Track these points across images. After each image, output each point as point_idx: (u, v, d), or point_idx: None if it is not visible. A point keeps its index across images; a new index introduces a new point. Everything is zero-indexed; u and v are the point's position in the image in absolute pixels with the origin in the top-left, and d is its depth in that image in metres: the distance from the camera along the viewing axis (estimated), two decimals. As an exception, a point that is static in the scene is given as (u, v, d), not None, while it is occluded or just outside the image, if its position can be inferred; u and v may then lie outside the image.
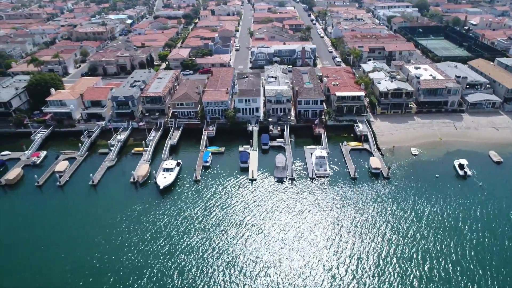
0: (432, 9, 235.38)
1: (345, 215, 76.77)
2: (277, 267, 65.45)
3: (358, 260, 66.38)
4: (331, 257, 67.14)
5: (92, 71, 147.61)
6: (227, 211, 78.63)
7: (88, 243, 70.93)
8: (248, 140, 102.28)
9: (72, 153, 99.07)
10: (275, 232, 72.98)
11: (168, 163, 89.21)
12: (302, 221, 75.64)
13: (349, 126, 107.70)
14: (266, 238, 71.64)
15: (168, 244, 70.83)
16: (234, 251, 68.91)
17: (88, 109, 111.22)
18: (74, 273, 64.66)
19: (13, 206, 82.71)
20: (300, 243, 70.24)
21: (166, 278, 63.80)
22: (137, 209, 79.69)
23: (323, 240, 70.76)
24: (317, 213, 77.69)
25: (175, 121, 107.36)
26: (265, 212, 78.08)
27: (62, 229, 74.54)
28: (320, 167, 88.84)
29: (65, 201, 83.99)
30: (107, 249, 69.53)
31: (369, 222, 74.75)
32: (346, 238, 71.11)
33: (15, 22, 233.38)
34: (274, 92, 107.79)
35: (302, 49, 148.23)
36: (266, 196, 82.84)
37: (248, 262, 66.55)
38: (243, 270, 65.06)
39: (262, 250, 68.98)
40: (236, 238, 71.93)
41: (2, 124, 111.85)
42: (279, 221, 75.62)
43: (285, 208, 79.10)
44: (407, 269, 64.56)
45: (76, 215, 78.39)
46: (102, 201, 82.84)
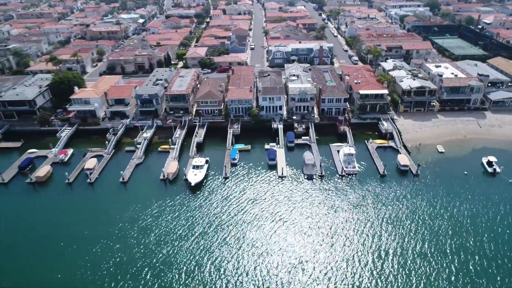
0: (443, 8, 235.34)
1: (376, 212, 77.22)
2: (313, 261, 66.02)
3: (393, 255, 66.89)
4: (366, 253, 67.61)
5: (110, 70, 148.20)
6: (258, 207, 79.17)
7: (122, 239, 71.56)
8: (272, 137, 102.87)
9: (98, 151, 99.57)
10: (308, 227, 73.60)
11: (197, 161, 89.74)
12: (334, 217, 76.21)
13: (373, 124, 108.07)
14: (300, 233, 72.25)
15: (202, 239, 71.43)
16: (268, 246, 69.40)
17: (112, 107, 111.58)
18: (108, 269, 65.27)
19: (44, 202, 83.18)
20: (333, 239, 70.82)
21: (203, 273, 64.31)
22: (169, 205, 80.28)
23: (356, 236, 71.26)
24: (348, 209, 78.19)
25: (199, 119, 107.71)
26: (297, 209, 78.61)
27: (94, 225, 74.97)
28: (349, 164, 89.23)
29: (96, 198, 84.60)
30: (141, 246, 70.10)
31: (400, 218, 75.23)
32: (379, 234, 71.60)
33: (27, 21, 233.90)
34: (298, 90, 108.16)
35: (320, 48, 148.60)
36: (296, 193, 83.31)
37: (283, 256, 67.03)
38: (279, 265, 65.52)
39: (296, 245, 69.54)
40: (270, 233, 72.52)
41: (26, 122, 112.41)
42: (311, 217, 76.16)
43: (316, 205, 79.62)
44: (442, 264, 65.01)
45: (108, 212, 78.88)
46: (133, 198, 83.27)
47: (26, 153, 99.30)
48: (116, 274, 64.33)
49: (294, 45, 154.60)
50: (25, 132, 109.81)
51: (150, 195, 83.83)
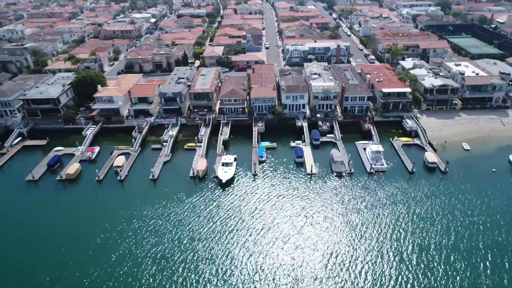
0: (454, 8, 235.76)
1: (406, 208, 77.78)
2: (348, 256, 66.72)
3: (427, 251, 67.40)
4: (400, 248, 68.14)
5: (128, 69, 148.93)
6: (290, 204, 79.83)
7: (157, 234, 72.31)
8: (296, 135, 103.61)
9: (125, 149, 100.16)
10: (340, 224, 74.38)
11: (227, 158, 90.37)
12: (365, 214, 76.78)
13: (396, 122, 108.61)
14: (332, 229, 72.99)
15: (236, 235, 72.19)
16: (302, 241, 70.06)
17: (135, 106, 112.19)
18: (142, 264, 65.96)
19: (75, 199, 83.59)
20: (366, 235, 71.42)
21: (239, 268, 65.08)
22: (200, 202, 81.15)
23: (388, 232, 71.86)
24: (379, 206, 78.76)
25: (223, 117, 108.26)
26: (328, 205, 79.27)
27: (127, 221, 75.79)
28: (377, 161, 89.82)
29: (126, 195, 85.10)
30: (175, 241, 70.90)
31: (431, 215, 75.80)
32: (411, 230, 72.16)
33: (38, 21, 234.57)
34: (322, 88, 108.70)
35: (337, 47, 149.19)
36: (326, 190, 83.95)
37: (317, 251, 67.79)
38: (314, 259, 66.27)
39: (329, 240, 70.28)
40: (302, 229, 73.21)
41: (50, 120, 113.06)
42: (342, 214, 76.81)
43: (347, 202, 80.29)
44: (476, 259, 65.50)
45: (140, 208, 79.53)
46: (164, 194, 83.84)
47: (53, 151, 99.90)
48: (152, 268, 65.09)
49: (311, 44, 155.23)
50: (49, 130, 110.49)
51: (181, 191, 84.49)
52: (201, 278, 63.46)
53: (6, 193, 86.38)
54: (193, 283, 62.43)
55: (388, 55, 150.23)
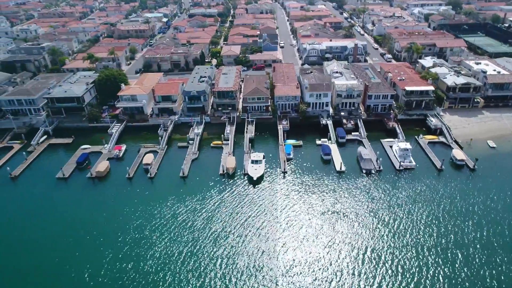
0: (464, 7, 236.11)
1: (436, 205, 78.28)
2: (382, 252, 67.23)
3: (460, 247, 67.94)
4: (433, 244, 68.72)
5: (146, 68, 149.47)
6: (321, 201, 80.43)
7: (191, 231, 72.98)
8: (320, 133, 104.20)
9: (151, 147, 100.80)
10: (371, 220, 74.83)
11: (256, 156, 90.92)
12: (397, 211, 77.27)
13: (419, 120, 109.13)
14: (365, 226, 73.49)
15: (269, 231, 72.82)
16: (335, 237, 70.67)
17: (159, 104, 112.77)
18: (179, 260, 66.75)
19: (106, 197, 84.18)
20: (398, 231, 71.98)
21: (274, 260, 65.92)
22: (232, 198, 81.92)
23: (421, 229, 72.35)
24: (409, 203, 79.29)
25: (247, 116, 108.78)
26: (359, 202, 79.82)
27: (160, 218, 76.56)
28: (405, 159, 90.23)
29: (157, 192, 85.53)
30: (210, 237, 71.57)
31: (461, 212, 76.27)
32: (444, 227, 72.58)
33: (50, 20, 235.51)
34: (345, 86, 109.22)
35: (355, 46, 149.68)
36: (357, 187, 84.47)
37: (352, 247, 68.29)
38: (349, 255, 66.83)
39: (365, 236, 70.74)
40: (335, 225, 73.81)
41: (74, 119, 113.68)
42: (374, 211, 77.28)
43: (377, 199, 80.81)
44: (509, 256, 65.74)
45: (171, 205, 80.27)
46: (195, 191, 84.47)
47: (80, 149, 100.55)
48: (189, 264, 65.91)
49: (328, 43, 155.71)
50: (73, 128, 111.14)
51: (212, 188, 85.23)
52: (237, 272, 64.11)
53: (38, 190, 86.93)
54: (230, 278, 63.06)
55: (405, 54, 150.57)
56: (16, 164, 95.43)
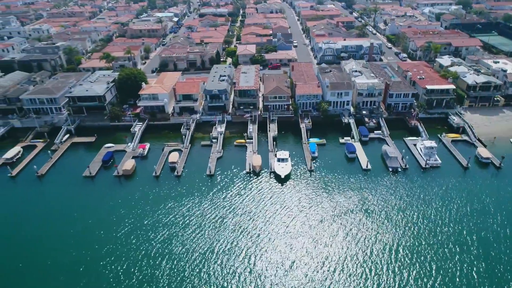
0: (474, 7, 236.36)
1: (465, 203, 78.56)
2: (412, 249, 67.51)
3: (488, 244, 68.31)
4: (462, 241, 69.18)
5: (162, 67, 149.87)
6: (348, 199, 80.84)
7: (221, 228, 73.63)
8: (342, 132, 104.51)
9: (175, 145, 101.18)
10: (400, 218, 75.25)
11: (282, 154, 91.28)
12: (425, 208, 77.60)
13: (440, 119, 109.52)
14: (393, 224, 73.88)
15: (299, 227, 73.42)
16: (365, 235, 71.09)
17: (180, 103, 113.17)
18: (212, 256, 67.29)
19: (134, 195, 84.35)
20: (426, 229, 72.34)
21: (306, 255, 66.37)
22: (261, 196, 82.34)
23: (450, 225, 72.87)
24: (437, 201, 79.64)
25: (269, 114, 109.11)
26: (388, 200, 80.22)
27: (190, 216, 77.16)
28: (430, 157, 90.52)
29: (185, 189, 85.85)
30: (240, 234, 72.13)
31: (490, 210, 76.47)
32: (472, 224, 72.91)
33: (59, 20, 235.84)
34: (367, 85, 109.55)
35: (371, 45, 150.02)
36: (384, 185, 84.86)
37: (381, 244, 68.71)
38: (379, 252, 67.15)
39: (395, 233, 71.15)
40: (363, 223, 74.24)
41: (96, 118, 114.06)
42: (402, 209, 77.59)
43: (405, 197, 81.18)
44: None
45: (199, 202, 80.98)
46: (222, 189, 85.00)
47: (104, 148, 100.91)
48: (222, 260, 66.49)
49: (344, 42, 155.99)
50: (94, 127, 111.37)
51: (239, 186, 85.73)
52: (271, 268, 64.61)
53: (65, 188, 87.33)
54: (264, 274, 63.47)
55: (421, 53, 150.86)
56: (42, 163, 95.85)
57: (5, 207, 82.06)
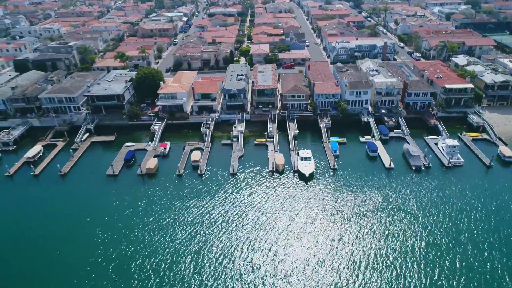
0: (483, 6, 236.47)
1: (491, 201, 78.65)
2: (436, 247, 67.72)
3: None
4: (490, 239, 69.18)
5: (177, 66, 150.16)
6: (372, 197, 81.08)
7: (246, 226, 74.01)
8: (361, 131, 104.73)
9: (196, 144, 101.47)
10: (429, 216, 75.41)
11: (305, 153, 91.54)
12: (451, 206, 77.78)
13: (458, 118, 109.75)
14: (423, 221, 74.07)
15: (324, 225, 73.82)
16: (390, 233, 71.38)
17: (199, 102, 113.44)
18: (237, 253, 67.66)
19: (157, 193, 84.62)
20: (456, 226, 72.69)
21: (333, 252, 66.80)
22: (285, 194, 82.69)
23: (478, 223, 73.13)
24: (462, 199, 79.79)
25: (288, 113, 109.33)
26: (413, 198, 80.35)
27: (214, 213, 77.70)
28: (453, 156, 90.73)
29: (208, 188, 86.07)
30: (265, 231, 72.54)
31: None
32: (499, 222, 73.14)
33: (68, 20, 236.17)
34: (385, 84, 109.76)
35: (384, 44, 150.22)
36: (408, 184, 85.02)
37: (411, 243, 68.90)
38: (403, 250, 67.43)
39: (425, 231, 71.26)
40: (392, 219, 74.56)
41: (114, 116, 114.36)
42: (428, 207, 77.79)
43: (428, 195, 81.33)
44: None
45: (223, 200, 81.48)
46: (246, 187, 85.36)
47: (125, 146, 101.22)
48: (242, 257, 66.87)
49: (357, 41, 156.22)
50: (113, 126, 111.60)
51: (264, 184, 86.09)
52: (299, 265, 65.00)
53: (89, 186, 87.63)
54: (293, 271, 63.71)
55: (435, 52, 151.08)
56: (63, 161, 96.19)
57: (30, 205, 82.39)
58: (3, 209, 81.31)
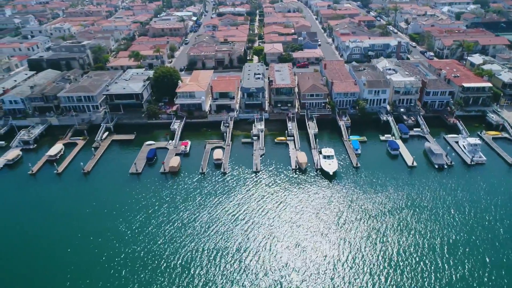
0: (492, 6, 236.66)
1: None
2: (465, 244, 68.01)
3: None
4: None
5: (191, 65, 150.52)
6: (400, 195, 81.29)
7: (271, 224, 74.45)
8: (380, 129, 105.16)
9: (216, 142, 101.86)
10: (454, 213, 75.66)
11: (327, 151, 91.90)
12: (476, 205, 77.91)
13: (477, 116, 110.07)
14: (449, 218, 74.36)
15: (350, 223, 74.19)
16: (414, 231, 71.60)
17: (217, 101, 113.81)
18: (257, 250, 68.16)
19: (181, 191, 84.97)
20: (483, 224, 72.84)
21: (360, 250, 66.95)
22: (310, 192, 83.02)
23: (505, 221, 73.25)
24: (486, 196, 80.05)
25: (306, 112, 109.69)
26: (438, 197, 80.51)
27: (240, 212, 77.97)
28: (475, 154, 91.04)
29: (233, 186, 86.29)
30: (285, 229, 73.09)
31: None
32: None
33: (77, 19, 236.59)
34: (404, 83, 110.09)
35: (398, 43, 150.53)
36: (432, 182, 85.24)
37: (437, 240, 69.19)
38: (430, 248, 67.65)
39: (448, 231, 71.51)
40: (419, 217, 74.85)
41: (133, 115, 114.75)
42: (454, 204, 78.05)
43: (455, 192, 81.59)
44: None
45: (249, 199, 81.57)
46: (271, 185, 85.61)
47: (145, 145, 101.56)
48: (266, 252, 67.15)
49: (370, 40, 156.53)
50: (131, 125, 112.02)
51: (288, 183, 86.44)
52: (325, 261, 65.60)
53: (113, 185, 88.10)
54: (319, 268, 64.20)
55: (448, 52, 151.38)
56: (84, 160, 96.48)
57: (54, 203, 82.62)
58: (28, 207, 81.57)
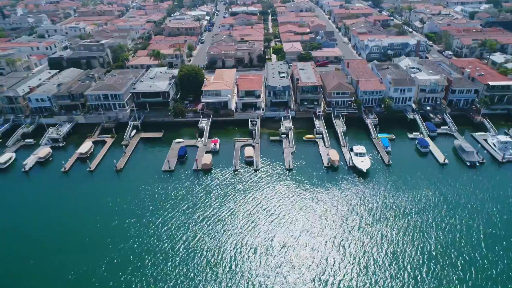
0: (505, 5, 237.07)
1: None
2: (503, 240, 68.70)
3: None
4: None
5: (211, 64, 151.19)
6: (433, 193, 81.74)
7: (307, 220, 75.32)
8: (407, 127, 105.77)
9: (245, 140, 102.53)
10: (487, 213, 75.86)
11: (359, 149, 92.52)
12: (510, 201, 78.55)
13: (502, 114, 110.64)
14: (484, 216, 74.73)
15: (388, 219, 74.90)
16: (445, 230, 72.05)
17: (243, 99, 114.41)
18: (296, 245, 69.11)
19: (215, 188, 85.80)
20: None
21: (398, 247, 67.52)
22: (343, 190, 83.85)
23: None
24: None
25: (333, 110, 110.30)
26: (472, 194, 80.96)
27: (274, 207, 79.24)
28: (506, 151, 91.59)
29: (266, 183, 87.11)
30: (319, 224, 74.00)
31: None
32: None
33: (89, 19, 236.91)
34: (429, 81, 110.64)
35: (417, 42, 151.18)
36: (464, 179, 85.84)
37: (472, 236, 69.70)
38: (470, 241, 68.26)
39: (483, 227, 72.04)
40: (455, 213, 75.49)
41: (160, 113, 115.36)
42: (489, 201, 78.47)
43: (487, 190, 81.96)
44: None
45: (284, 195, 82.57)
46: (304, 182, 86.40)
47: (175, 143, 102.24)
48: (301, 248, 68.12)
49: (389, 39, 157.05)
50: (158, 123, 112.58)
51: (322, 180, 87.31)
52: (365, 257, 66.16)
53: (148, 182, 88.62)
54: (356, 262, 64.97)
55: (467, 51, 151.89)
56: (115, 157, 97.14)
57: (88, 200, 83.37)
58: (63, 204, 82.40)
